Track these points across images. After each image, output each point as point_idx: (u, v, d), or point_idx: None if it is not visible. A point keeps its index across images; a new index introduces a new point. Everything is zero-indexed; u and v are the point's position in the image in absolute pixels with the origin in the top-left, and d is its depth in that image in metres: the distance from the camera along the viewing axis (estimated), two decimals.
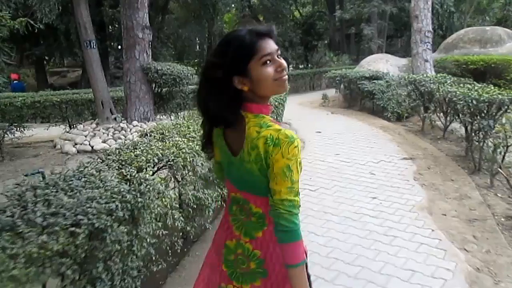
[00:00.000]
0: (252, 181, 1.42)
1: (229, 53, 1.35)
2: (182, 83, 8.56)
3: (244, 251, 1.50)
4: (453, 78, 7.64)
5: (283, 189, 1.33)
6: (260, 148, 1.34)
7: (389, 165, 6.23)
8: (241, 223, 1.52)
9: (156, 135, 3.75)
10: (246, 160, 1.39)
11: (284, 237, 1.35)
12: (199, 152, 3.26)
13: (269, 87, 1.39)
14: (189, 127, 3.94)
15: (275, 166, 1.33)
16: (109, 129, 7.99)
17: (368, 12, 18.66)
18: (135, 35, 8.27)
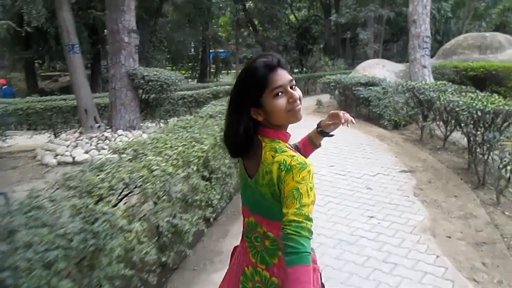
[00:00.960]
0: (265, 205, 1.45)
1: (244, 86, 1.43)
2: (170, 89, 8.17)
3: (262, 279, 1.51)
4: (454, 86, 7.29)
5: (290, 211, 1.32)
6: (273, 173, 1.37)
7: (387, 179, 5.85)
8: (256, 250, 1.53)
9: (128, 152, 3.35)
10: (260, 183, 1.42)
11: (291, 259, 1.29)
12: (173, 173, 2.88)
13: (282, 117, 1.43)
14: (167, 142, 3.54)
15: (285, 189, 1.34)
16: (93, 138, 7.58)
17: (364, 17, 18.33)
18: (120, 39, 7.87)
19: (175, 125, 4.49)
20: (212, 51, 32.97)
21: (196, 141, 3.69)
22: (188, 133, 4.01)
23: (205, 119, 4.83)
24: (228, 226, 4.49)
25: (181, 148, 3.32)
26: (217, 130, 4.17)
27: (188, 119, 4.89)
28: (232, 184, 4.73)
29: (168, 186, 2.77)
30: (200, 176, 3.47)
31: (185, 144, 3.48)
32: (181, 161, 3.08)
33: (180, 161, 3.06)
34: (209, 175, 3.87)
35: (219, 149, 3.93)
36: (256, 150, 1.45)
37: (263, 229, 1.49)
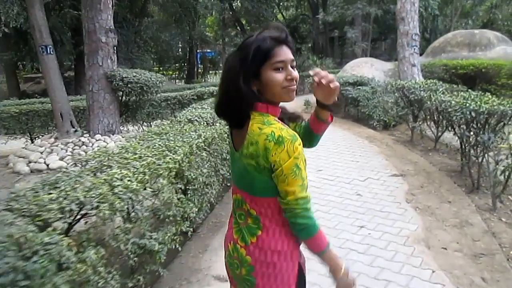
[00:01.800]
0: (248, 178, 1.45)
1: (248, 53, 1.40)
2: (150, 91, 7.79)
3: (239, 256, 1.52)
4: (445, 85, 7.04)
5: (296, 188, 1.37)
6: (259, 144, 1.37)
7: (377, 184, 5.58)
8: (239, 227, 1.55)
9: (92, 164, 3.01)
10: (244, 154, 1.42)
11: (304, 234, 1.43)
12: (139, 189, 2.55)
13: (276, 93, 1.43)
14: (136, 151, 3.21)
15: (284, 167, 1.35)
16: (69, 144, 7.18)
17: (352, 15, 18.06)
18: (97, 39, 7.48)
19: (148, 131, 4.16)
20: (199, 51, 32.53)
21: (169, 150, 3.36)
22: (162, 141, 3.69)
23: (182, 124, 4.50)
24: (208, 239, 4.17)
25: (151, 159, 2.98)
26: (194, 137, 3.84)
27: (165, 125, 4.55)
28: (213, 193, 4.41)
29: (132, 204, 2.44)
30: (173, 189, 3.15)
31: (156, 154, 3.15)
32: (149, 174, 2.74)
33: (147, 175, 2.73)
34: (185, 187, 3.55)
35: (196, 158, 3.61)
36: (244, 123, 1.45)
37: (247, 206, 1.50)
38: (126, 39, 18.58)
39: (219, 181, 4.75)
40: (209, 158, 4.06)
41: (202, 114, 5.02)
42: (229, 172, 5.14)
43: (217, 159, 4.37)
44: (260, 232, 1.48)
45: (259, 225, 1.48)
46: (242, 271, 1.52)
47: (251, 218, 1.50)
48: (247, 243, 1.50)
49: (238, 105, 1.43)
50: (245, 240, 1.50)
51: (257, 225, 1.48)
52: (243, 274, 1.51)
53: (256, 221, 1.48)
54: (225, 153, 4.74)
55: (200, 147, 3.67)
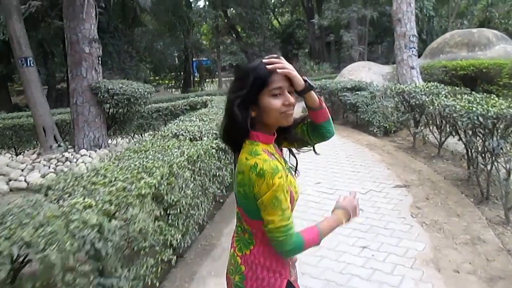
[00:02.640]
0: (240, 201, 1.52)
1: (246, 82, 1.47)
2: (138, 103, 7.43)
3: (235, 263, 1.59)
4: (448, 88, 6.69)
5: (275, 218, 1.43)
6: (245, 174, 1.43)
7: (379, 196, 5.20)
8: (239, 237, 1.62)
9: (54, 190, 2.65)
10: (236, 181, 1.49)
11: (296, 253, 1.53)
12: (102, 222, 2.17)
13: (274, 117, 1.48)
14: (108, 174, 2.84)
15: (264, 199, 1.42)
16: (51, 160, 6.81)
17: (347, 18, 17.74)
18: (80, 50, 7.14)
19: (127, 149, 3.78)
20: (195, 60, 32.26)
21: (145, 171, 2.99)
22: (139, 160, 3.32)
23: (166, 140, 4.13)
24: (195, 265, 3.79)
25: (122, 184, 2.61)
26: (177, 155, 3.47)
27: (146, 141, 4.18)
28: (201, 214, 4.04)
29: (91, 242, 2.07)
30: (149, 216, 2.77)
31: (129, 177, 2.78)
32: (116, 203, 2.37)
33: (114, 204, 2.35)
34: (166, 212, 3.17)
35: (177, 179, 3.23)
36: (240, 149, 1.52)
37: (244, 222, 1.56)
38: (118, 49, 18.30)
39: (209, 199, 4.38)
40: (195, 177, 3.69)
41: (189, 127, 4.66)
42: (220, 189, 4.77)
43: (204, 177, 4.00)
44: (253, 247, 1.55)
45: (253, 240, 1.55)
46: (235, 278, 1.58)
47: (247, 234, 1.57)
48: (243, 253, 1.57)
49: (235, 132, 1.50)
50: (242, 250, 1.58)
51: (251, 240, 1.56)
52: (236, 280, 1.57)
53: (251, 236, 1.56)
54: (215, 169, 4.38)
55: (183, 167, 3.30)
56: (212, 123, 4.97)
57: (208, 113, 5.70)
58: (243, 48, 25.16)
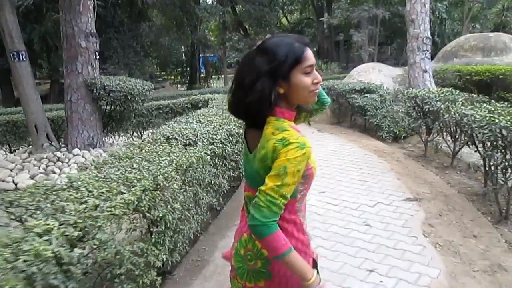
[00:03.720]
0: (259, 180, 1.44)
1: (278, 56, 1.39)
2: (136, 100, 7.07)
3: (253, 248, 1.52)
4: (465, 95, 6.26)
5: (270, 184, 1.35)
6: (269, 148, 1.39)
7: (388, 210, 4.80)
8: None
9: (17, 207, 2.30)
10: (256, 158, 1.45)
11: (256, 232, 1.38)
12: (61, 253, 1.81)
13: (303, 95, 1.46)
14: (80, 187, 2.48)
15: (275, 163, 1.37)
16: (43, 160, 6.46)
17: (358, 17, 17.24)
18: (76, 44, 6.79)
19: (111, 154, 3.42)
20: (201, 56, 31.87)
21: (125, 184, 2.62)
22: (122, 170, 2.95)
23: (157, 144, 3.77)
24: (185, 285, 3.43)
25: (94, 201, 2.25)
26: (164, 164, 3.10)
27: (135, 145, 3.81)
28: (193, 228, 3.67)
29: (44, 280, 1.70)
30: (126, 238, 2.41)
31: (104, 192, 2.41)
32: (82, 226, 2.01)
33: (79, 227, 1.99)
34: (148, 230, 2.81)
35: (163, 192, 2.86)
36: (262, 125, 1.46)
37: None
38: (123, 44, 17.97)
39: (203, 210, 4.02)
40: (186, 189, 3.32)
41: (184, 130, 4.29)
42: (216, 198, 4.41)
43: (197, 186, 3.63)
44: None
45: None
46: (257, 263, 1.51)
47: None
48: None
49: (259, 107, 1.42)
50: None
51: None
52: (258, 266, 1.51)
53: None
54: (210, 177, 4.01)
55: (170, 178, 2.93)
56: (209, 125, 4.59)
57: (206, 114, 5.33)
58: (250, 45, 24.72)
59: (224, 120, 4.89)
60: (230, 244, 4.19)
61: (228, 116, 5.16)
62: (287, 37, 1.45)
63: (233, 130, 4.42)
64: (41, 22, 16.36)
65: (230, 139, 4.32)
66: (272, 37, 1.48)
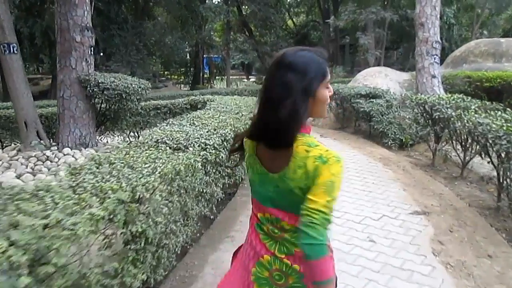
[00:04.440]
0: (290, 199, 1.45)
1: (310, 74, 1.40)
2: (131, 99, 6.75)
3: (282, 267, 1.51)
4: (477, 102, 5.91)
5: (321, 201, 1.34)
6: (308, 166, 1.38)
7: (394, 225, 4.46)
8: (274, 241, 1.54)
9: None
10: (290, 178, 1.42)
11: (312, 251, 1.32)
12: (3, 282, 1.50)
13: (322, 109, 1.48)
14: (46, 197, 2.16)
15: (319, 180, 1.36)
16: (31, 158, 6.15)
17: (365, 20, 16.86)
18: (71, 38, 6.48)
19: (93, 158, 3.09)
20: (206, 56, 31.61)
21: (99, 195, 2.30)
22: (99, 176, 2.63)
23: (145, 148, 3.45)
24: None
25: (56, 216, 1.93)
26: (147, 172, 2.77)
27: (120, 147, 3.48)
28: (180, 241, 3.35)
29: None
30: (91, 259, 2.08)
31: (71, 204, 2.09)
32: (34, 251, 1.68)
33: (30, 252, 1.67)
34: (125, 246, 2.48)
35: (144, 205, 2.54)
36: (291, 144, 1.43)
37: (283, 223, 1.50)
38: (126, 42, 17.70)
39: (193, 221, 3.69)
40: (172, 199, 2.99)
41: (175, 133, 3.96)
42: (208, 208, 4.08)
43: (186, 196, 3.30)
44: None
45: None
46: (289, 280, 1.51)
47: (288, 233, 1.49)
48: (291, 252, 1.49)
49: (292, 125, 1.39)
50: (286, 251, 1.50)
51: (296, 237, 1.44)
52: (291, 282, 1.50)
53: (294, 234, 1.45)
54: (202, 186, 3.68)
55: (152, 188, 2.60)
56: (203, 129, 4.26)
57: (202, 116, 5.00)
58: (254, 46, 24.41)
59: (219, 123, 4.56)
60: (221, 258, 3.91)
61: (225, 120, 4.83)
62: (309, 52, 1.45)
63: (228, 135, 4.09)
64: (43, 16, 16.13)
65: (224, 144, 3.99)
66: (292, 50, 1.45)
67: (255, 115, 1.49)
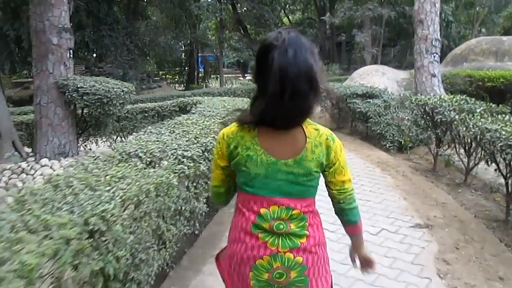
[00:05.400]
0: (304, 183, 1.50)
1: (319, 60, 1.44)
2: (113, 104, 6.34)
3: (283, 263, 1.50)
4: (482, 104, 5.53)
5: (347, 178, 1.58)
6: (323, 144, 1.49)
7: (395, 240, 4.07)
8: (276, 238, 1.51)
9: None
10: (309, 158, 1.47)
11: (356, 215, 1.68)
12: None
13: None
14: None
15: (341, 160, 1.55)
16: (5, 171, 5.75)
17: (361, 17, 16.44)
18: (47, 40, 6.07)
19: (48, 180, 2.69)
20: (200, 55, 31.19)
21: (39, 232, 1.91)
22: (48, 206, 2.25)
23: (112, 164, 3.05)
24: None
25: None
26: (107, 197, 2.38)
27: (84, 164, 3.07)
28: (155, 268, 2.95)
29: None
30: None
31: None
32: None
33: None
34: None
35: (101, 236, 2.15)
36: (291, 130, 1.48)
37: (294, 212, 1.50)
38: (116, 42, 17.27)
39: (171, 242, 3.29)
40: (140, 225, 2.60)
41: (151, 144, 3.57)
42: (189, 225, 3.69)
43: (159, 219, 2.91)
44: (307, 232, 1.52)
45: (305, 224, 1.52)
46: (291, 275, 1.50)
47: (294, 223, 1.51)
48: (296, 245, 1.50)
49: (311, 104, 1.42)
50: (291, 244, 1.50)
51: (303, 226, 1.51)
52: (293, 277, 1.50)
53: (302, 222, 1.52)
54: (180, 203, 3.29)
55: (111, 218, 2.21)
56: (183, 137, 3.87)
57: (184, 122, 4.60)
58: (249, 45, 23.99)
59: (202, 130, 4.17)
60: (205, 282, 3.52)
61: (209, 126, 4.44)
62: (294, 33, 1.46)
63: (210, 144, 3.69)
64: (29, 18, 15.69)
65: (205, 155, 3.60)
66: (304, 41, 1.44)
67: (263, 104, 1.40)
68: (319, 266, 1.55)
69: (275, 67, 1.34)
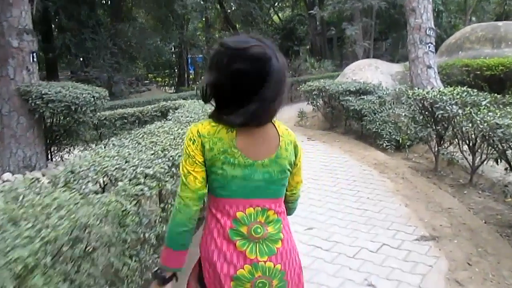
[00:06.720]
0: (279, 182, 1.50)
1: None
2: (83, 111, 5.78)
3: (265, 272, 1.46)
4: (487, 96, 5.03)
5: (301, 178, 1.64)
6: (292, 144, 1.53)
7: (398, 258, 3.54)
8: (253, 244, 1.46)
9: None
10: (284, 156, 1.49)
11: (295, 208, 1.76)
12: None
13: None
14: None
15: (301, 161, 1.58)
16: None
17: (351, 9, 15.89)
18: (6, 43, 5.52)
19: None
20: (190, 56, 30.58)
21: None
22: None
23: (48, 191, 2.50)
24: None
25: None
26: (26, 240, 1.83)
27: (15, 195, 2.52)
28: None
29: None
30: None
31: None
32: None
33: None
34: None
35: None
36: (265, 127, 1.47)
37: (269, 212, 1.49)
38: (99, 45, 16.66)
39: (133, 277, 2.75)
40: (80, 269, 2.06)
41: (107, 160, 3.02)
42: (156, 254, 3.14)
43: (111, 255, 2.36)
44: (282, 235, 1.50)
45: (280, 227, 1.50)
46: (273, 283, 1.47)
47: (271, 226, 1.49)
48: (273, 252, 1.47)
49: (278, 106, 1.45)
50: (269, 251, 1.46)
51: (278, 229, 1.50)
52: (275, 285, 1.47)
53: (277, 224, 1.50)
54: (142, 230, 2.75)
55: (28, 269, 1.67)
56: (149, 150, 3.32)
57: (154, 131, 4.06)
58: None
59: (173, 141, 3.62)
60: None
61: (181, 135, 3.88)
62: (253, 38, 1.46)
63: (177, 159, 3.14)
64: None
65: (172, 171, 3.05)
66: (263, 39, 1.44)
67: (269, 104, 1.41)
68: (295, 267, 1.53)
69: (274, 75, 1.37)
